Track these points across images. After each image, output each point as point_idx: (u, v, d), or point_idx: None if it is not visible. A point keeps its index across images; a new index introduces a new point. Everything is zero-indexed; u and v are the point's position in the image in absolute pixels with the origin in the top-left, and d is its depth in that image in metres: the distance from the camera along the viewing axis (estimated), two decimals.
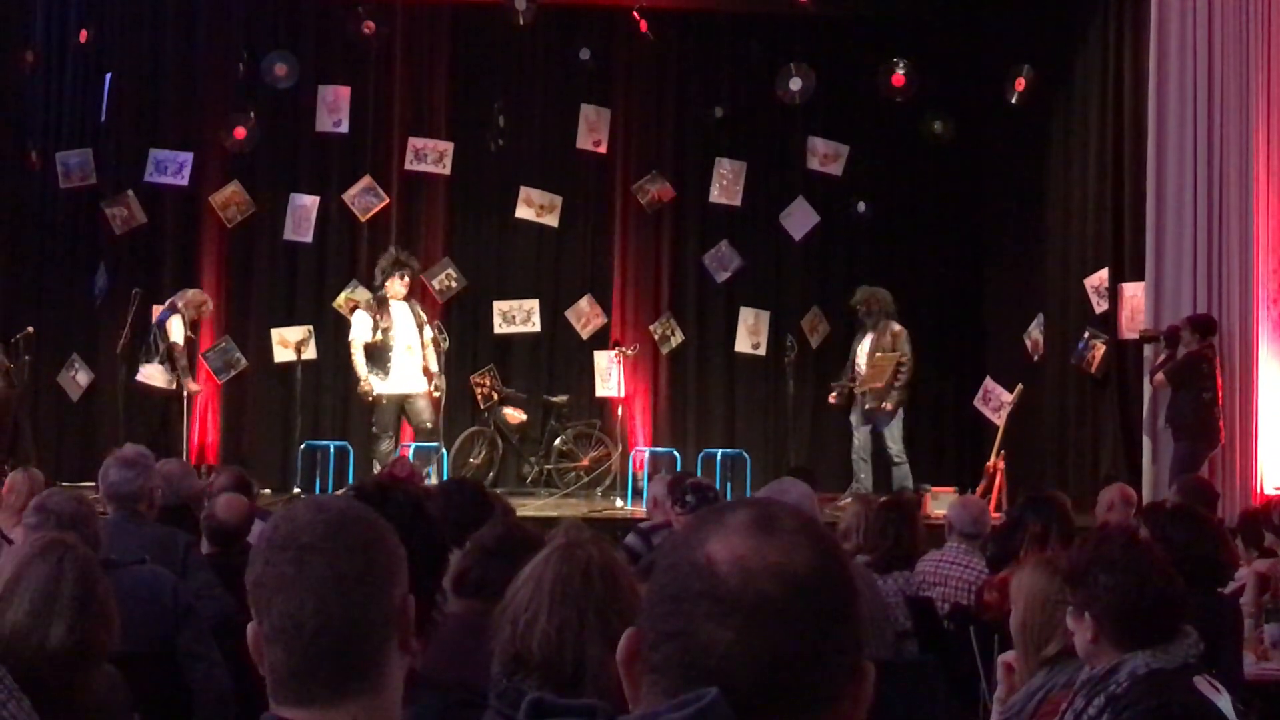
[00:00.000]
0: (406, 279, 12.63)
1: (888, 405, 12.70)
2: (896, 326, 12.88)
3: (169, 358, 12.51)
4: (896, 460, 12.80)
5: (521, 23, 13.84)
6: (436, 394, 12.66)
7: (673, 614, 1.37)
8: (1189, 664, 3.26)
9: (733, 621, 1.34)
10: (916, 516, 7.68)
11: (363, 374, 12.38)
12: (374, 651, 1.97)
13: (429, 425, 12.52)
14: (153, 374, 12.60)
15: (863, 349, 12.92)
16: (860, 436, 13.01)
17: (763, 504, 1.45)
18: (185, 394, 12.64)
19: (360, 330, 12.48)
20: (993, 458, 12.42)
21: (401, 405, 12.51)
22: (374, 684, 1.97)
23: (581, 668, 2.72)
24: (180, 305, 12.79)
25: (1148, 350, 11.49)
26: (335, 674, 1.95)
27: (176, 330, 12.58)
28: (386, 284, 12.52)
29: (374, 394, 12.40)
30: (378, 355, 12.37)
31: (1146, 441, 11.43)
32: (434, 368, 12.62)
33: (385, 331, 12.37)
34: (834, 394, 13.17)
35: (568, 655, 2.74)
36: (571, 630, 2.76)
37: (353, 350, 12.49)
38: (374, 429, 12.62)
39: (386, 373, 12.38)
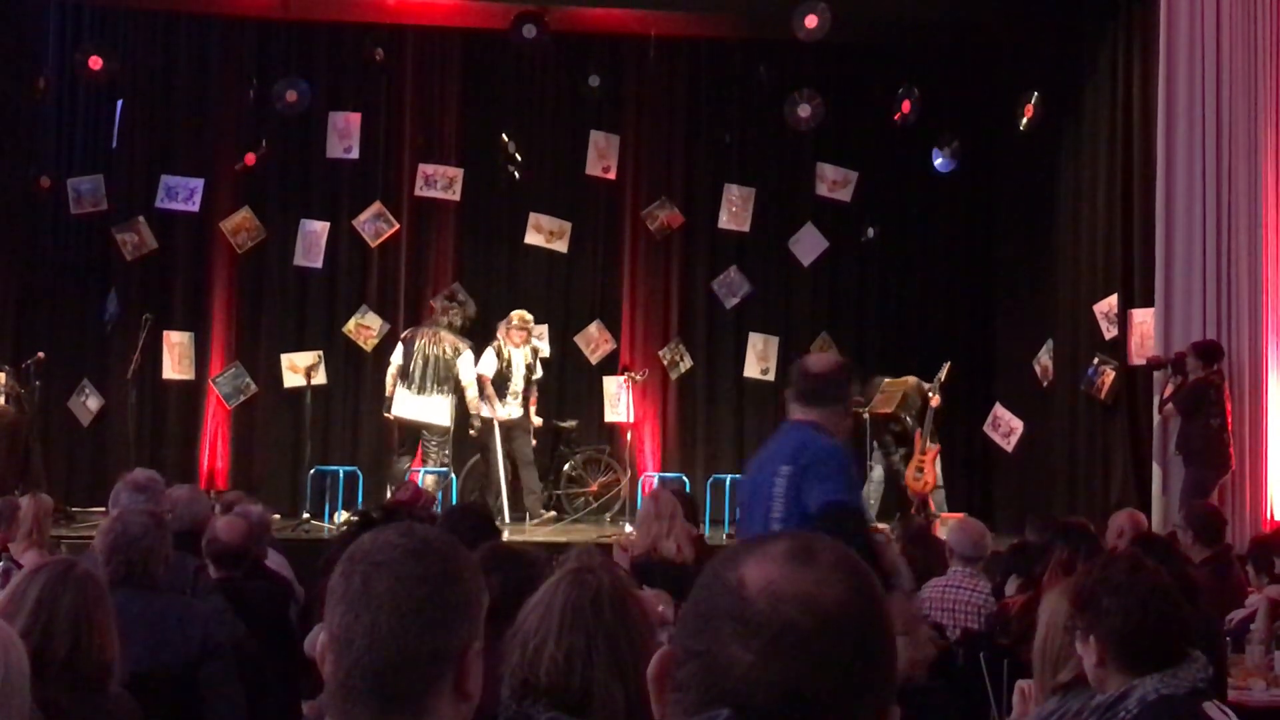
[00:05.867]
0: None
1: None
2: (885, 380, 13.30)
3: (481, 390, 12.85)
4: (940, 484, 13.03)
5: (526, 36, 13.77)
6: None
7: (700, 632, 1.38)
8: (1198, 689, 3.25)
9: (754, 644, 1.34)
10: (935, 542, 7.77)
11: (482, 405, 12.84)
12: (419, 685, 1.96)
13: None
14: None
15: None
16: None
17: (806, 536, 1.45)
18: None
19: (486, 365, 12.90)
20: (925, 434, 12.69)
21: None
22: (415, 718, 1.95)
23: (589, 694, 2.72)
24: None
25: (1156, 377, 11.47)
26: (375, 697, 1.94)
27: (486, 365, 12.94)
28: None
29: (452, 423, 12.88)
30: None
31: (1156, 468, 11.41)
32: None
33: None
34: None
35: (575, 682, 2.73)
36: (580, 656, 2.75)
37: (481, 388, 12.81)
38: (439, 455, 12.83)
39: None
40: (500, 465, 12.79)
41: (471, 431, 12.94)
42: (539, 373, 13.28)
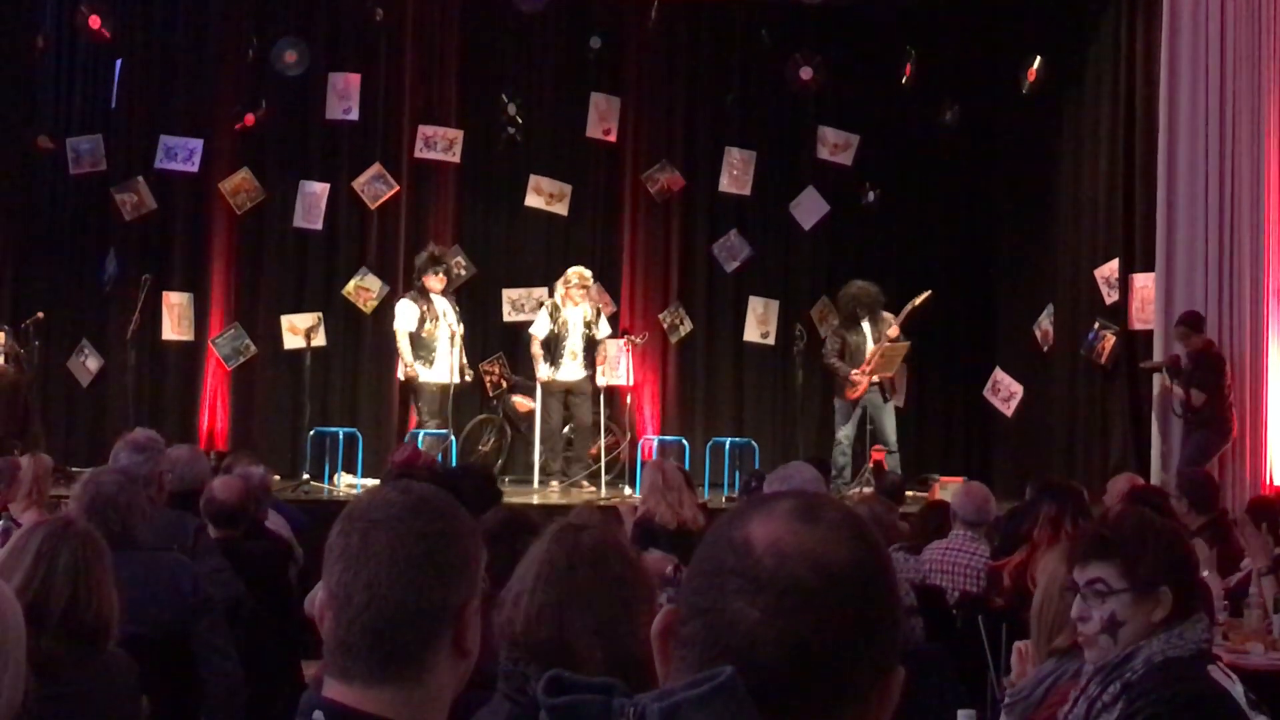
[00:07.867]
0: (441, 275, 12.86)
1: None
2: (888, 314, 12.95)
3: None
4: (894, 449, 12.87)
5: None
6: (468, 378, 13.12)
7: (706, 589, 1.39)
8: (1202, 651, 3.24)
9: (761, 601, 1.35)
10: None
11: (409, 359, 12.65)
12: (418, 641, 1.97)
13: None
14: None
15: (869, 341, 12.87)
16: (851, 429, 13.03)
17: (810, 495, 1.47)
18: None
19: (406, 320, 12.71)
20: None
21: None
22: (415, 675, 1.97)
23: (565, 650, 2.72)
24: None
25: (1156, 381, 11.45)
26: (375, 654, 1.95)
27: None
28: (424, 279, 12.76)
29: (419, 380, 12.67)
30: (423, 345, 12.66)
31: (1156, 433, 11.41)
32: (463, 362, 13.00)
33: (433, 321, 12.66)
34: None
35: (543, 634, 2.75)
36: (551, 611, 2.77)
37: (398, 339, 12.75)
38: (422, 415, 12.83)
39: (431, 362, 12.66)
40: (538, 427, 13.02)
41: (407, 378, 12.87)
42: (606, 331, 13.25)
